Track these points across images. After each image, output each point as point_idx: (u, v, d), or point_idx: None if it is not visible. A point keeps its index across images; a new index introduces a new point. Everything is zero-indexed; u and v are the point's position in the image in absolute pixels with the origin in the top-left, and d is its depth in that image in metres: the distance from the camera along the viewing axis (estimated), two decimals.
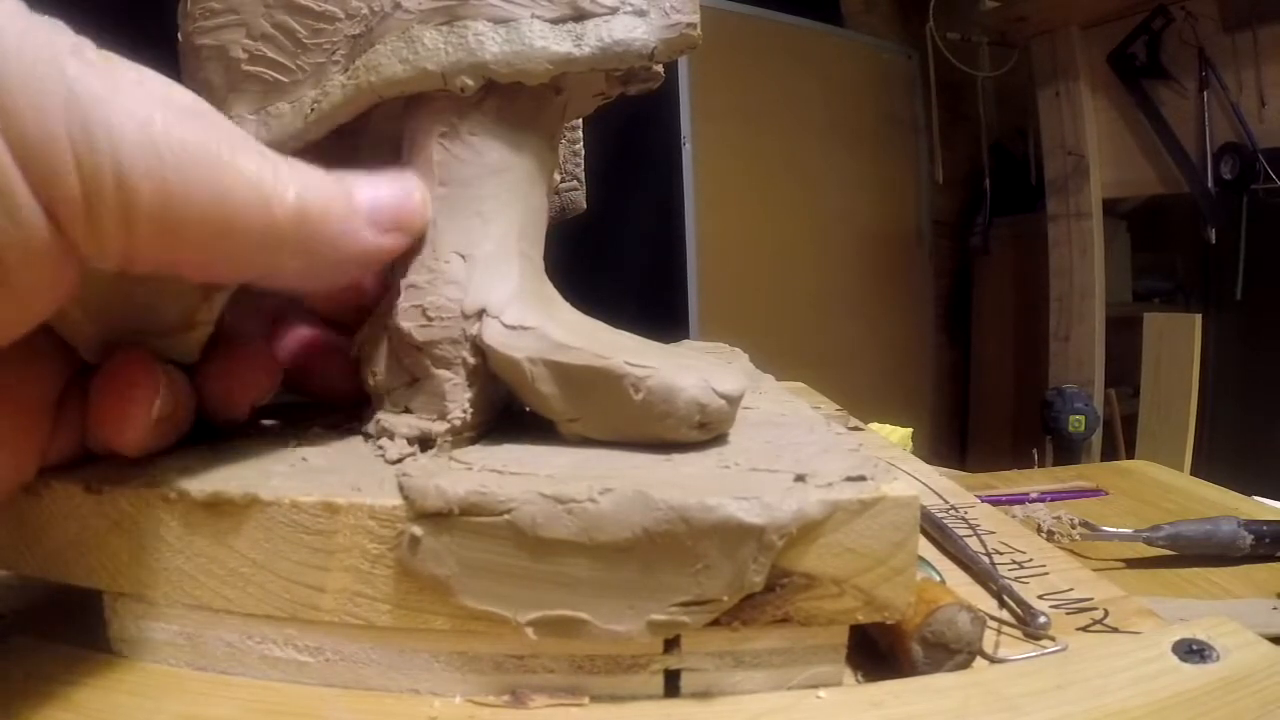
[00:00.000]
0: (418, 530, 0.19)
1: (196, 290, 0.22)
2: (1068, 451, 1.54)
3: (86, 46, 0.17)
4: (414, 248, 0.24)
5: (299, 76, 0.27)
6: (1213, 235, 1.58)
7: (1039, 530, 0.48)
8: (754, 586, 0.19)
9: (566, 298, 0.26)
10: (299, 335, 0.28)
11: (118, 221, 0.16)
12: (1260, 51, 1.48)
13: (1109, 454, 1.63)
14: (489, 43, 0.23)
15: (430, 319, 0.23)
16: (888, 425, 0.70)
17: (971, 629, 0.22)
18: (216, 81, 0.28)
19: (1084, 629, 0.25)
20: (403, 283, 0.24)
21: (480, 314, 0.23)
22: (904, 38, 2.09)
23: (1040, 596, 0.28)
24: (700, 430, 0.23)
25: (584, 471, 0.21)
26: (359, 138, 0.32)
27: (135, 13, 0.41)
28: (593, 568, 0.19)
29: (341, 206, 0.21)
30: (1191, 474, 0.68)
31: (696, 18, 0.26)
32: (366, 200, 0.21)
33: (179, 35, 0.29)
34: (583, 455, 0.22)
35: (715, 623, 0.20)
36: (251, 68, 0.27)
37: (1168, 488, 0.61)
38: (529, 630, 0.19)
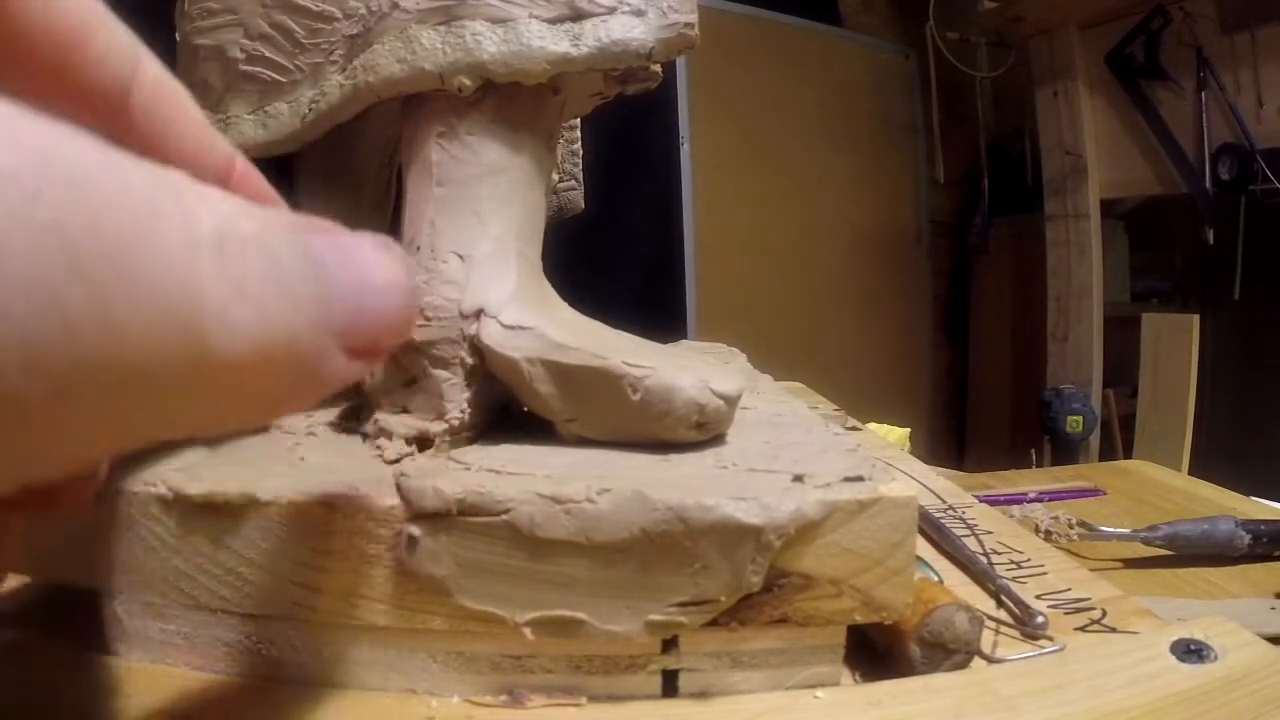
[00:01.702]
0: (415, 530, 0.19)
1: None
2: (1066, 451, 1.54)
3: None
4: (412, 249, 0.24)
5: (297, 76, 0.27)
6: (1210, 236, 1.59)
7: (1037, 530, 0.48)
8: (752, 587, 0.19)
9: (565, 297, 0.26)
10: None
11: None
12: (1258, 52, 1.48)
13: (1107, 454, 1.63)
14: (486, 43, 0.23)
15: (428, 319, 0.23)
16: (885, 425, 0.70)
17: (969, 629, 0.22)
18: (214, 82, 0.28)
19: (1082, 629, 0.25)
20: None
21: (478, 314, 0.23)
22: (902, 37, 2.09)
23: (1038, 596, 0.28)
24: (698, 430, 0.23)
25: (582, 472, 0.21)
26: (357, 137, 0.32)
27: (134, 13, 0.41)
28: (591, 568, 0.19)
29: (311, 333, 0.13)
30: (1189, 474, 0.68)
31: (694, 17, 0.26)
32: (343, 313, 0.13)
33: (177, 35, 0.29)
34: (581, 455, 0.22)
35: (713, 623, 0.20)
36: (249, 68, 0.27)
37: (1165, 487, 0.61)
38: (527, 630, 0.19)
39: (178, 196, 0.11)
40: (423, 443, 0.23)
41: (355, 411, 0.25)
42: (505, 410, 0.25)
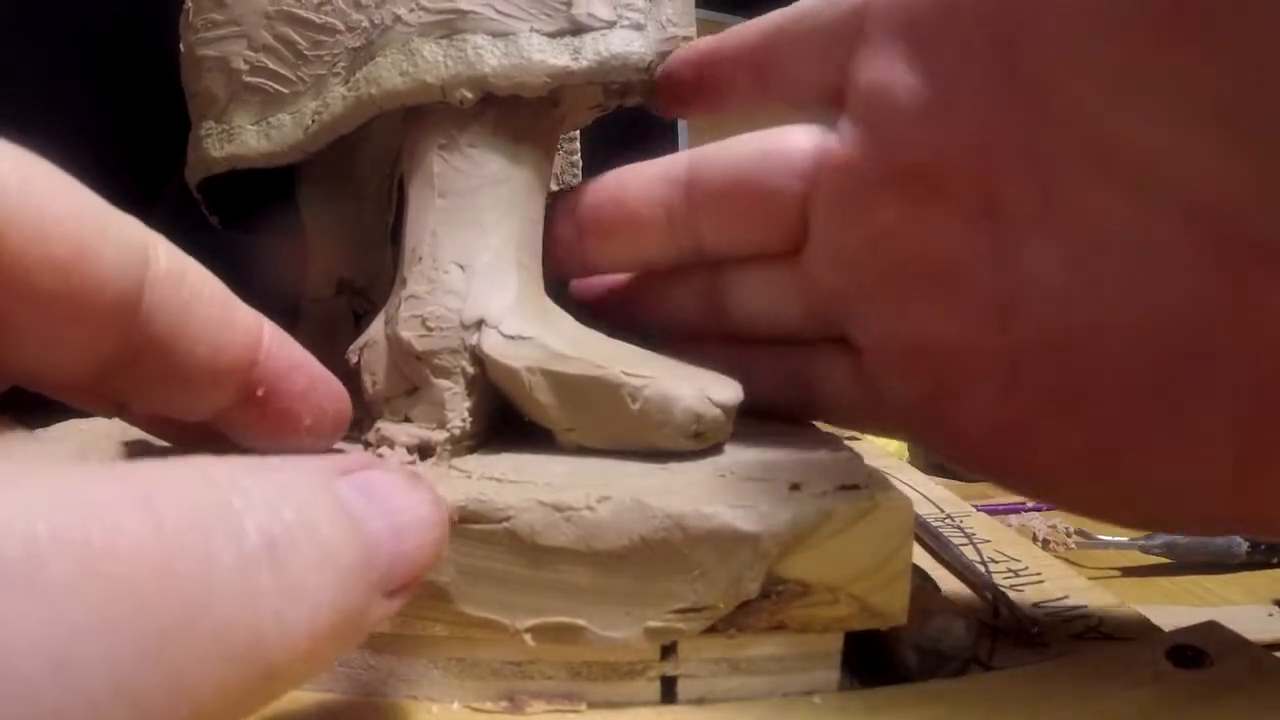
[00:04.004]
0: None
1: None
2: None
3: None
4: (413, 259, 0.24)
5: (300, 88, 0.27)
6: None
7: (1034, 539, 0.48)
8: (749, 594, 0.19)
9: (564, 307, 0.26)
10: None
11: None
12: None
13: None
14: (488, 56, 0.24)
15: (430, 329, 0.23)
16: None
17: (966, 636, 0.22)
18: (218, 92, 0.29)
19: (1078, 636, 0.26)
20: (403, 293, 0.24)
21: (479, 324, 0.23)
22: None
23: (1035, 604, 0.28)
24: (696, 440, 0.23)
25: (582, 480, 0.21)
26: (359, 148, 0.32)
27: (138, 23, 0.41)
28: (590, 575, 0.19)
29: (358, 600, 0.13)
30: None
31: (693, 30, 0.26)
32: (383, 568, 0.13)
33: (181, 46, 0.30)
34: (580, 464, 0.23)
35: (712, 630, 0.20)
36: (253, 79, 0.28)
37: None
38: (527, 637, 0.19)
39: (225, 507, 0.11)
40: (424, 451, 0.23)
41: (357, 420, 0.25)
42: (505, 419, 0.26)
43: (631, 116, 0.31)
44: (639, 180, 0.28)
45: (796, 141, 0.25)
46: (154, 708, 0.09)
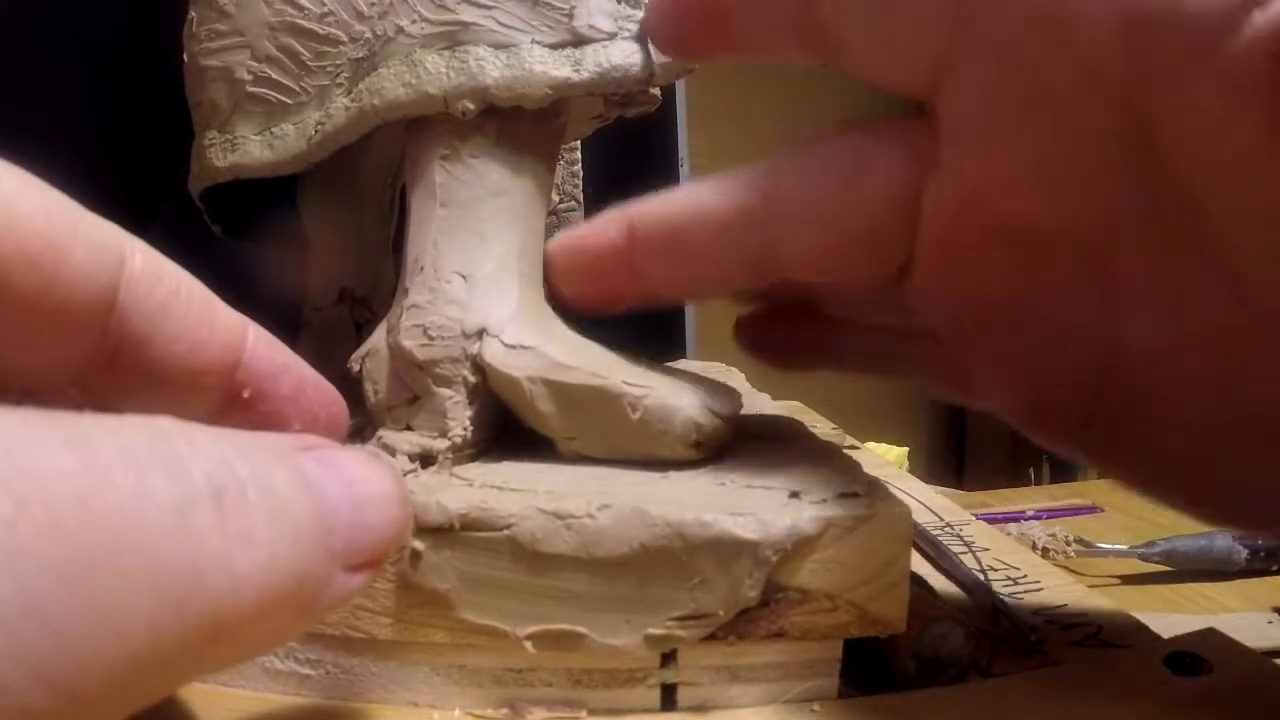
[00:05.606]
0: (419, 545, 0.20)
1: None
2: (1065, 469, 1.54)
3: None
4: (415, 269, 0.24)
5: (303, 98, 0.28)
6: None
7: (1034, 547, 0.48)
8: (749, 601, 0.19)
9: (565, 318, 0.26)
10: None
11: None
12: None
13: None
14: (490, 67, 0.24)
15: (431, 338, 0.23)
16: (884, 445, 0.71)
17: (965, 644, 0.23)
18: (222, 102, 0.29)
19: (1077, 644, 0.26)
20: (405, 302, 0.24)
21: (480, 333, 0.23)
22: None
23: (1034, 612, 0.28)
24: (696, 449, 0.23)
25: (582, 488, 0.21)
26: (361, 158, 0.32)
27: (141, 33, 0.42)
28: (591, 582, 0.19)
29: (316, 563, 0.13)
30: None
31: None
32: (343, 536, 0.13)
33: (184, 56, 0.30)
34: (581, 472, 0.23)
35: (711, 637, 0.20)
36: (256, 89, 0.28)
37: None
38: (528, 644, 0.20)
39: (168, 450, 0.11)
40: (426, 459, 0.23)
41: (359, 429, 0.25)
42: (506, 428, 0.26)
43: (632, 127, 0.31)
44: (707, 222, 0.24)
45: (891, 183, 0.22)
46: (71, 631, 0.09)
